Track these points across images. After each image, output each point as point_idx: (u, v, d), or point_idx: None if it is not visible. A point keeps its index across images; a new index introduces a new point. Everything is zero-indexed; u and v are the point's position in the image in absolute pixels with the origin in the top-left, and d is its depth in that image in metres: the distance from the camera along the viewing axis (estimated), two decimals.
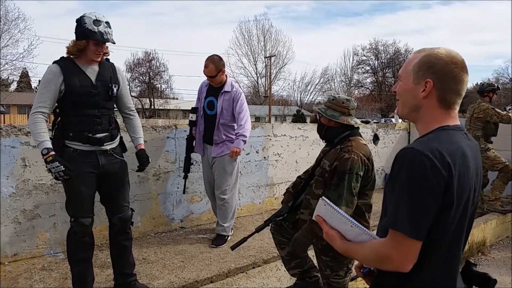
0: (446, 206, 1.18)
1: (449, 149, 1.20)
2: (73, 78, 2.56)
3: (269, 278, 3.31)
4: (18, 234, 3.28)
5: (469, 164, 1.24)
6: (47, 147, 2.44)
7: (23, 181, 3.27)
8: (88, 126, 2.61)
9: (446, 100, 1.29)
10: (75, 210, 2.63)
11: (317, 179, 2.62)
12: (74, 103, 2.58)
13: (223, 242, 3.88)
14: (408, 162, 1.18)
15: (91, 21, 2.51)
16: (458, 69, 1.28)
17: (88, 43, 2.54)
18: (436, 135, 1.26)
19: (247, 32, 47.74)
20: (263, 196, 5.14)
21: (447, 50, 1.31)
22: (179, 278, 3.08)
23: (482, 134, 5.39)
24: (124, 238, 2.84)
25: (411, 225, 1.15)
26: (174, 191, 4.25)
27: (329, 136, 2.68)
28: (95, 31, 2.51)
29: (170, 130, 4.20)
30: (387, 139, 6.92)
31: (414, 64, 1.32)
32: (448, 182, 1.16)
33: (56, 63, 2.59)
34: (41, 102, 2.53)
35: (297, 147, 5.45)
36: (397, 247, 1.18)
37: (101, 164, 2.66)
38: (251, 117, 35.39)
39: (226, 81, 3.91)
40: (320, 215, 1.41)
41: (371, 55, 50.88)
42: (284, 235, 2.84)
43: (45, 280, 2.98)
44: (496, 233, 5.38)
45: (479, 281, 1.36)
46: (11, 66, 28.64)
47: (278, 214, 2.78)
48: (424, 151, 1.17)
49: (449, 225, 1.21)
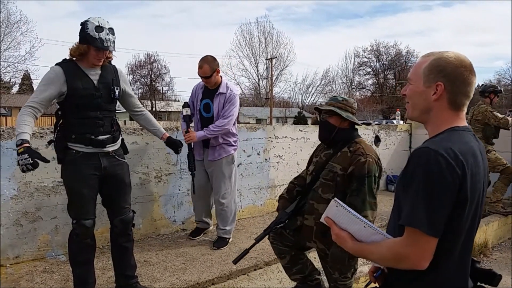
0: (460, 204, 1.21)
1: (461, 149, 1.23)
2: (75, 80, 2.56)
3: (270, 280, 3.31)
4: (20, 237, 3.28)
5: (479, 163, 1.27)
6: (22, 139, 2.37)
7: (24, 183, 3.27)
8: (91, 128, 2.62)
9: (456, 102, 1.32)
10: (77, 212, 2.63)
11: (325, 183, 2.54)
12: (76, 105, 2.58)
13: (224, 244, 3.88)
14: (424, 161, 1.21)
15: (93, 27, 2.51)
16: (467, 72, 1.31)
17: (89, 48, 2.55)
18: (448, 135, 1.29)
19: (249, 34, 47.94)
20: (264, 198, 5.14)
21: (455, 53, 1.35)
22: (180, 280, 3.08)
23: (482, 136, 5.40)
24: (126, 240, 2.85)
25: (428, 222, 1.18)
26: (175, 193, 4.25)
27: (340, 138, 2.59)
28: (96, 37, 2.51)
29: (171, 132, 4.19)
30: (389, 140, 6.91)
31: (424, 68, 1.35)
32: (462, 180, 1.19)
33: (59, 65, 2.58)
34: (35, 98, 2.51)
35: (299, 149, 5.45)
36: (414, 245, 1.20)
37: (103, 166, 2.67)
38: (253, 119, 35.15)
39: (221, 82, 3.82)
40: (330, 216, 1.41)
41: (372, 57, 50.88)
42: (284, 243, 2.74)
43: (47, 283, 2.98)
44: (498, 234, 5.37)
45: (484, 277, 1.37)
46: (13, 68, 28.63)
47: (278, 222, 2.64)
48: (438, 150, 1.20)
49: (463, 223, 1.24)
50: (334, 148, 2.61)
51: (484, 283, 1.38)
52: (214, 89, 3.81)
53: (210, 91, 3.82)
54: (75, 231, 2.63)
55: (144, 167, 3.99)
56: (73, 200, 2.63)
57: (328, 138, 2.62)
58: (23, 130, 2.41)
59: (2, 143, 3.16)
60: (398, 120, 10.26)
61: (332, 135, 2.60)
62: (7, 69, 28.26)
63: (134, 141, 3.88)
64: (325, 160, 2.61)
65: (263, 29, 48.06)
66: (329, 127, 2.60)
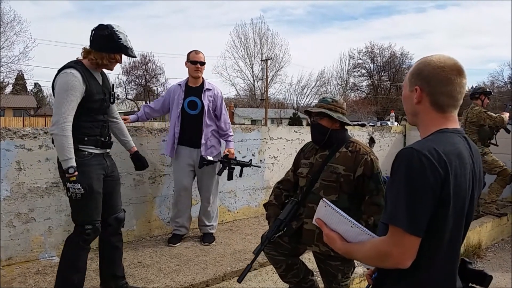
0: (443, 203, 1.22)
1: (446, 149, 1.24)
2: (91, 85, 2.59)
3: (265, 281, 3.30)
4: (13, 238, 3.25)
5: (466, 165, 1.28)
6: (73, 166, 2.43)
7: (17, 184, 3.25)
8: (100, 131, 2.69)
9: (439, 103, 1.34)
10: (93, 214, 2.60)
11: (327, 185, 2.49)
12: (89, 108, 2.59)
13: (213, 239, 4.01)
14: (406, 160, 1.23)
15: (125, 37, 2.64)
16: (445, 72, 1.32)
17: (121, 56, 2.67)
18: (435, 137, 1.31)
19: (244, 35, 47.96)
20: (259, 199, 5.13)
21: (440, 56, 1.37)
22: (174, 282, 3.07)
23: (478, 138, 5.42)
24: (118, 239, 2.86)
25: (409, 220, 1.19)
26: (169, 194, 4.23)
27: (334, 139, 2.57)
28: (129, 46, 2.66)
29: (166, 133, 4.18)
30: (383, 142, 6.94)
31: (409, 74, 1.41)
32: (444, 180, 1.20)
33: (76, 70, 2.52)
34: (69, 110, 2.46)
35: (293, 150, 5.45)
36: (396, 243, 1.21)
37: (107, 165, 2.75)
38: (248, 120, 35.20)
39: (203, 80, 3.95)
40: (320, 217, 1.43)
41: (367, 59, 51.03)
42: (280, 251, 2.64)
43: (40, 284, 2.96)
44: (492, 236, 5.40)
45: (475, 278, 1.39)
46: (7, 68, 28.50)
47: (275, 231, 2.52)
48: (422, 150, 1.22)
49: (447, 223, 1.25)
50: (330, 149, 2.59)
51: (475, 284, 1.39)
52: (198, 87, 3.88)
53: (194, 88, 3.87)
54: (85, 237, 2.57)
55: None
56: (88, 203, 2.55)
57: (322, 140, 2.59)
58: (73, 155, 2.45)
59: None
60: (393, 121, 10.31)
61: (325, 137, 2.57)
62: (0, 69, 28.11)
63: None
64: (322, 162, 2.57)
65: (259, 30, 48.15)
66: (322, 129, 2.57)
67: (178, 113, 3.81)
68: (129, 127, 3.98)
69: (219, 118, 3.94)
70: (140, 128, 4.12)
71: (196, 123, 3.82)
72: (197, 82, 3.89)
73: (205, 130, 3.82)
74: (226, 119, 3.99)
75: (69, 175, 2.42)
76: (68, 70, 2.51)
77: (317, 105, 2.63)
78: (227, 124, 3.99)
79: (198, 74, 3.85)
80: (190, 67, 3.86)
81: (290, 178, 2.80)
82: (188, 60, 3.87)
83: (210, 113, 3.85)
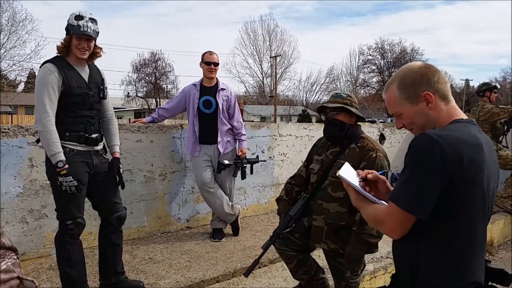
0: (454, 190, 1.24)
1: (460, 137, 1.27)
2: (70, 78, 2.54)
3: (275, 278, 3.31)
4: (26, 234, 3.30)
5: (483, 152, 1.29)
6: (62, 160, 2.43)
7: (30, 181, 3.29)
8: (84, 127, 2.62)
9: (444, 94, 1.40)
10: (74, 210, 2.58)
11: (335, 181, 2.43)
12: (71, 103, 2.55)
13: (223, 235, 4.03)
14: (417, 145, 1.28)
15: (73, 17, 2.52)
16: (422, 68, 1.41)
17: (71, 38, 2.54)
18: (451, 126, 1.35)
19: (253, 32, 47.70)
20: (268, 196, 5.14)
21: (403, 67, 1.47)
22: (185, 278, 3.09)
23: (492, 136, 5.37)
24: (118, 237, 2.86)
25: (407, 199, 1.26)
26: (180, 191, 4.26)
27: (350, 134, 2.54)
28: (75, 24, 2.50)
29: (176, 130, 4.21)
30: (393, 138, 6.89)
31: (397, 95, 1.43)
32: (455, 166, 1.22)
33: (51, 63, 2.51)
34: (48, 104, 2.45)
35: (303, 147, 5.44)
36: (390, 216, 1.31)
37: (94, 164, 2.67)
38: (257, 117, 35.20)
39: (217, 80, 4.03)
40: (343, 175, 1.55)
41: (377, 55, 50.58)
42: (292, 248, 2.65)
43: (52, 280, 2.99)
44: (504, 233, 5.34)
45: (495, 276, 1.37)
46: (19, 67, 28.82)
47: (284, 227, 2.52)
48: (433, 136, 1.26)
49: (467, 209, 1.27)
50: (341, 145, 2.56)
51: (496, 282, 1.37)
52: (213, 86, 3.96)
53: (208, 88, 3.95)
54: (69, 232, 2.57)
55: (149, 165, 3.99)
56: (69, 199, 2.55)
57: (340, 135, 2.54)
58: (59, 149, 2.45)
59: (8, 141, 3.17)
60: None
61: (344, 133, 2.52)
62: (12, 68, 28.45)
63: (138, 139, 3.89)
64: (332, 158, 2.56)
65: (267, 27, 47.83)
66: (339, 125, 2.52)
67: (195, 112, 3.90)
68: (139, 125, 4.02)
69: (232, 117, 4.02)
70: (150, 125, 4.15)
71: (211, 121, 3.90)
72: (212, 82, 3.97)
73: (220, 128, 3.91)
74: (238, 117, 4.07)
75: (59, 169, 2.41)
76: (45, 64, 2.52)
77: (331, 101, 2.60)
78: (240, 123, 4.05)
79: (212, 75, 3.93)
80: (204, 68, 3.94)
81: (302, 173, 2.79)
82: (202, 61, 3.96)
83: (224, 112, 3.94)
